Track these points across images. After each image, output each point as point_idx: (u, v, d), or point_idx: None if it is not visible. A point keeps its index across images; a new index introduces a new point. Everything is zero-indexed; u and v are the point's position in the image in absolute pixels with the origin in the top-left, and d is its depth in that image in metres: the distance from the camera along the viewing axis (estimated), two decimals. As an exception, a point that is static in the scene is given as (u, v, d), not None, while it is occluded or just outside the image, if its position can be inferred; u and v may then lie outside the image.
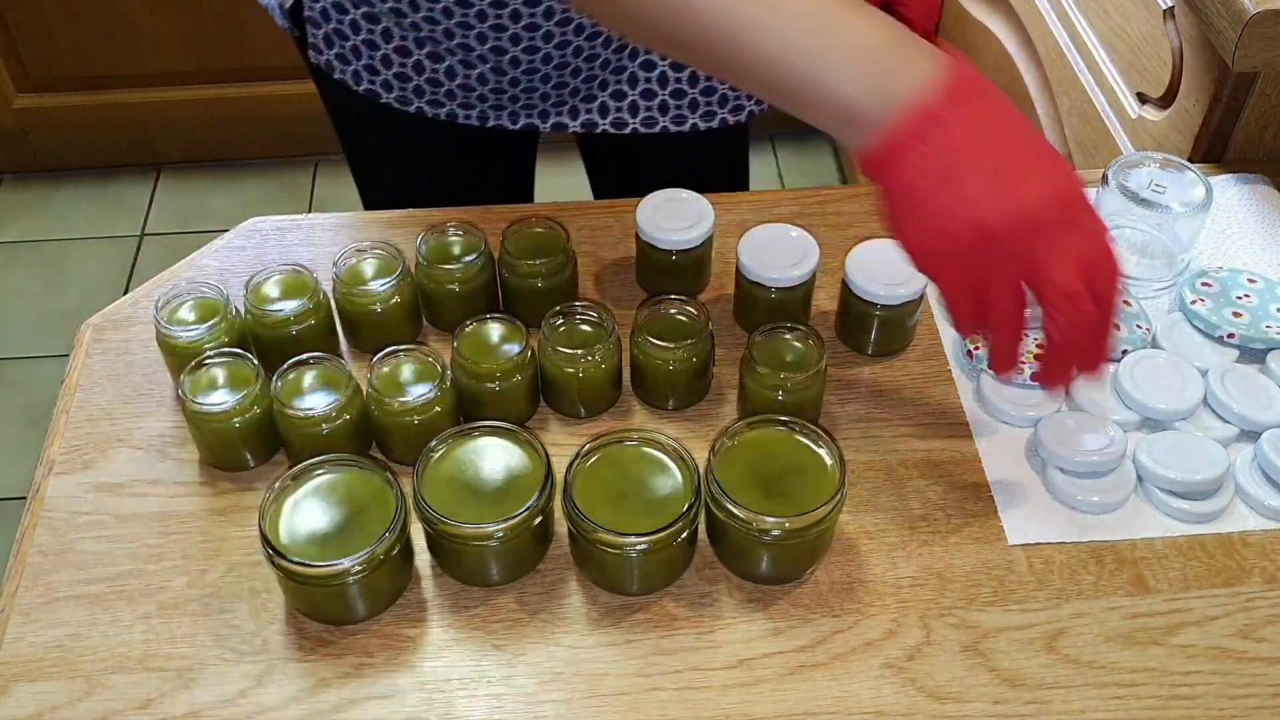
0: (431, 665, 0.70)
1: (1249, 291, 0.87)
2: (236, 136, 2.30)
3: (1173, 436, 0.78)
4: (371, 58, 0.94)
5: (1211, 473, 0.76)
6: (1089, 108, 1.18)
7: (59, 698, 0.68)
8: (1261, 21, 0.89)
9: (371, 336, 0.84)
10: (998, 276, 0.66)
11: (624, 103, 0.96)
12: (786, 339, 0.80)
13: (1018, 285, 0.66)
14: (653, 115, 0.97)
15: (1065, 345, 0.67)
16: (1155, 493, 0.76)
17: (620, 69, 0.94)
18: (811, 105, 0.67)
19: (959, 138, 0.64)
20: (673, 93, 0.96)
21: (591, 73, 0.93)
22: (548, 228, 0.87)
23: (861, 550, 0.75)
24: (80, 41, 2.10)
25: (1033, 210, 0.64)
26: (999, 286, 0.66)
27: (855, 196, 0.98)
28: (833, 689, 0.68)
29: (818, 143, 2.39)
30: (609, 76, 0.95)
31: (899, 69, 0.65)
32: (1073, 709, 0.68)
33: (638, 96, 0.96)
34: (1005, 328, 0.69)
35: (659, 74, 0.95)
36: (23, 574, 0.74)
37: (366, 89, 0.97)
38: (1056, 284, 0.65)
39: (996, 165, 0.64)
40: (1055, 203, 0.64)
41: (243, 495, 0.78)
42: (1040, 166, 0.65)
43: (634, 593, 0.73)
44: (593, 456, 0.73)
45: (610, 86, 0.95)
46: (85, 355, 0.86)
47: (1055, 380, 0.71)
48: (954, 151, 0.64)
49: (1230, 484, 0.77)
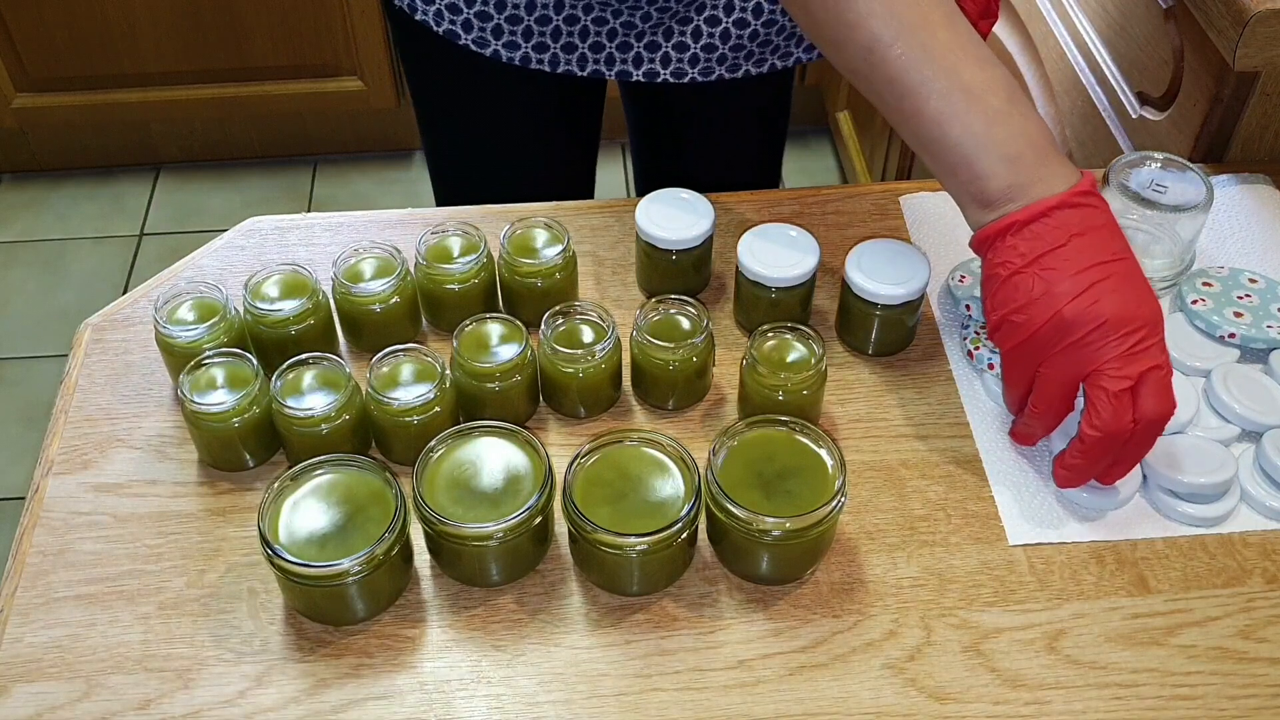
0: (431, 666, 0.70)
1: (1250, 291, 0.87)
2: (235, 136, 2.30)
3: (1178, 440, 0.78)
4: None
5: (1219, 476, 0.75)
6: (1090, 107, 1.18)
7: (58, 698, 0.68)
8: (1262, 21, 0.89)
9: (371, 336, 0.84)
10: (1056, 367, 0.72)
11: (685, 54, 0.99)
12: (786, 339, 0.80)
13: (1070, 383, 0.72)
14: (710, 66, 1.01)
15: (1095, 445, 0.71)
16: (1160, 497, 0.76)
17: (687, 20, 0.97)
18: (955, 176, 0.74)
19: (1063, 233, 0.70)
20: (733, 46, 0.99)
21: (661, 18, 0.97)
22: (548, 228, 0.86)
23: (862, 551, 0.75)
24: (79, 41, 2.10)
25: (1110, 318, 0.69)
26: (1052, 374, 0.72)
27: (855, 196, 0.97)
28: (833, 689, 0.68)
29: (818, 143, 2.39)
30: (675, 25, 0.98)
31: (1043, 174, 0.71)
32: (1073, 709, 0.68)
33: (699, 50, 0.99)
34: (1041, 415, 0.74)
35: (722, 30, 0.98)
36: (21, 574, 0.74)
37: (447, 29, 0.99)
38: (1106, 386, 0.69)
39: (1091, 269, 0.69)
40: (1133, 321, 0.69)
41: (242, 495, 0.78)
42: (1130, 287, 0.70)
43: (634, 593, 0.72)
44: (593, 456, 0.73)
45: (675, 37, 0.98)
46: (84, 355, 0.86)
47: (1073, 479, 0.74)
48: (1055, 243, 0.70)
49: (1236, 488, 0.77)
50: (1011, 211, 0.71)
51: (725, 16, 0.97)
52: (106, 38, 2.10)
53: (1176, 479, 0.75)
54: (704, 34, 0.98)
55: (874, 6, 0.72)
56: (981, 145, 0.71)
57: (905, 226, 0.95)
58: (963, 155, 0.72)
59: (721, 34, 0.98)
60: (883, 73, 0.73)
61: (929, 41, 0.72)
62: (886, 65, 0.73)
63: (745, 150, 1.22)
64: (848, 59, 0.75)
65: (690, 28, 0.98)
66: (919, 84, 0.72)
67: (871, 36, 0.73)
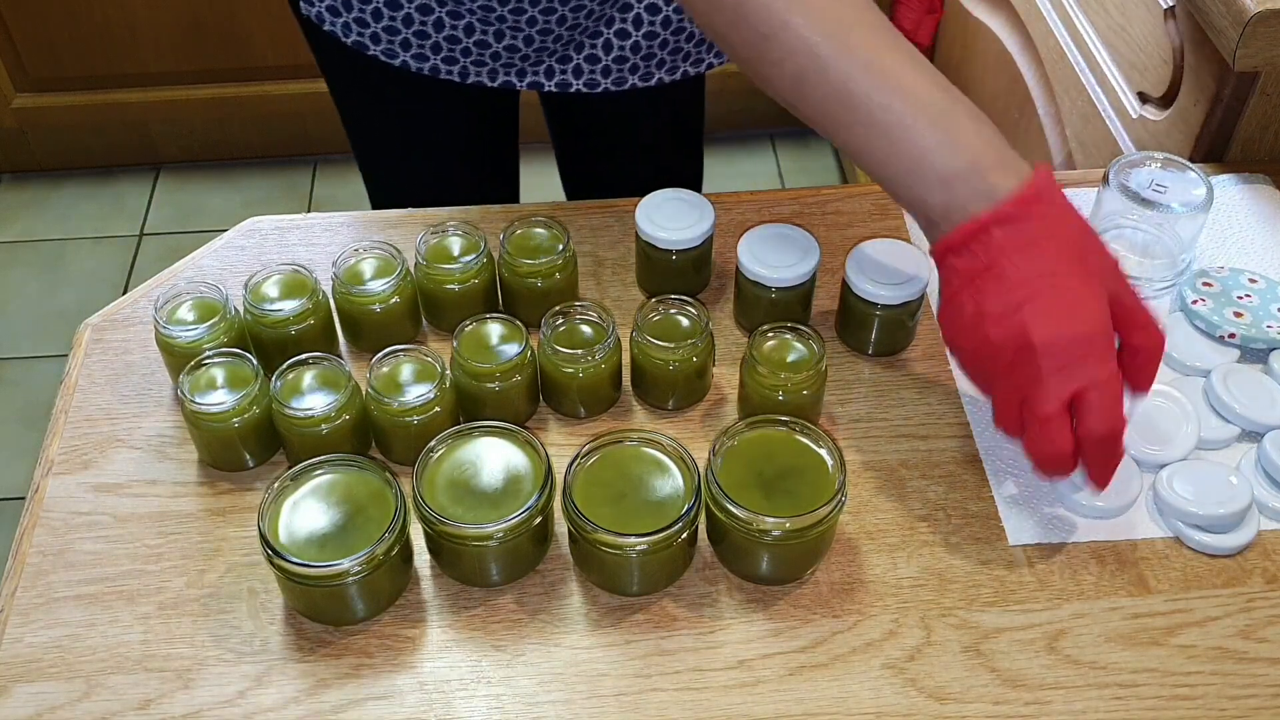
0: (431, 666, 0.70)
1: (1250, 291, 0.87)
2: (235, 136, 2.30)
3: (1193, 466, 0.77)
4: (362, 10, 0.96)
5: (1234, 505, 0.74)
6: (1090, 107, 1.18)
7: (58, 698, 0.68)
8: (1263, 21, 0.89)
9: (371, 336, 0.84)
10: (1000, 388, 0.71)
11: (597, 66, 1.00)
12: (786, 339, 0.80)
13: (1016, 404, 0.70)
14: (623, 75, 1.01)
15: (1039, 469, 0.71)
16: (1179, 527, 0.75)
17: (597, 34, 0.97)
18: (898, 197, 0.72)
19: (993, 252, 0.68)
20: (644, 56, 1.00)
21: (571, 35, 0.97)
22: (548, 228, 0.86)
23: (862, 551, 0.75)
24: (79, 41, 2.10)
25: (1035, 340, 0.67)
26: (999, 394, 0.71)
27: (855, 196, 0.97)
28: (833, 690, 0.68)
29: (818, 143, 2.39)
30: (585, 40, 0.98)
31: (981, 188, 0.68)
32: (1073, 710, 0.68)
33: (611, 61, 0.99)
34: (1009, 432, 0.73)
35: (632, 42, 0.98)
36: (21, 574, 0.74)
37: (355, 41, 0.99)
38: (1035, 410, 0.68)
39: (1019, 288, 0.67)
40: (1060, 340, 0.67)
41: (242, 495, 0.78)
42: (1060, 304, 0.67)
43: (634, 593, 0.72)
44: (593, 456, 0.73)
45: (586, 49, 0.98)
46: (84, 355, 0.86)
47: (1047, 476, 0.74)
48: (987, 262, 0.68)
49: (1254, 518, 0.75)
50: (947, 231, 0.69)
51: (635, 30, 0.97)
52: (106, 38, 2.10)
53: (1193, 511, 0.74)
54: (615, 46, 0.98)
55: (800, 30, 0.70)
56: (917, 167, 0.69)
57: (905, 226, 0.95)
58: (900, 179, 0.70)
59: (632, 46, 0.98)
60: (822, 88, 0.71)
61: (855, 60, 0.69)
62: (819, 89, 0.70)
63: (662, 150, 1.22)
64: (774, 82, 0.73)
65: (600, 41, 0.98)
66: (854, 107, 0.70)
67: (799, 70, 0.70)
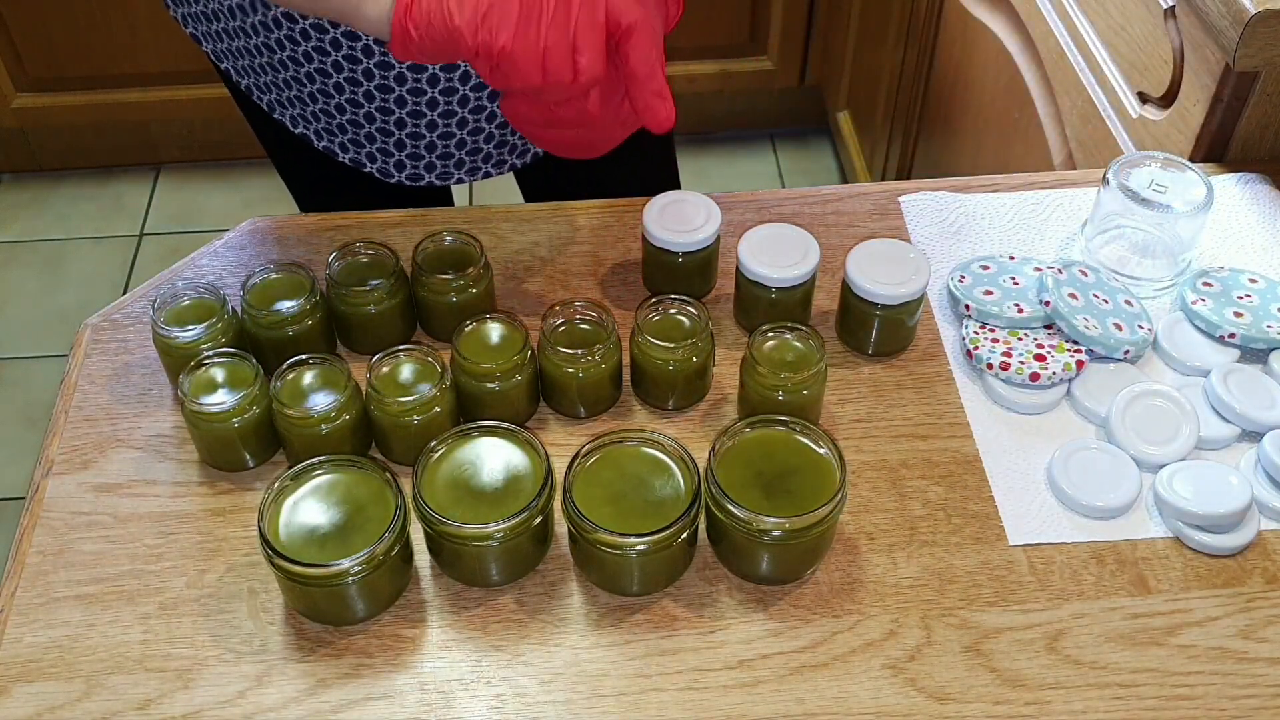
0: (431, 666, 0.70)
1: (1250, 291, 0.87)
2: (236, 136, 2.30)
3: (1193, 466, 0.77)
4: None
5: (1234, 505, 0.74)
6: (1090, 107, 1.18)
7: (58, 698, 0.68)
8: (1263, 20, 0.89)
9: (363, 339, 0.84)
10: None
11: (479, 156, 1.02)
12: (786, 339, 0.80)
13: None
14: (477, 166, 1.04)
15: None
16: (1179, 527, 0.75)
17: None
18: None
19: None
20: (457, 143, 1.01)
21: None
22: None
23: (862, 550, 0.75)
24: (79, 41, 2.10)
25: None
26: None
27: (855, 196, 0.97)
28: (833, 689, 0.68)
29: (818, 143, 2.39)
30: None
31: None
32: (1073, 709, 0.68)
33: (465, 156, 1.02)
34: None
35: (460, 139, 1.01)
36: (21, 574, 0.74)
37: (302, 133, 1.01)
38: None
39: None
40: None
41: (242, 495, 0.78)
42: None
43: (634, 593, 0.72)
44: (593, 456, 0.73)
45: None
46: (84, 355, 0.86)
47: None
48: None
49: (1255, 518, 0.75)
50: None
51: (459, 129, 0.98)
52: (106, 38, 2.10)
53: (1193, 511, 0.74)
54: (438, 146, 1.00)
55: None
56: None
57: (905, 226, 0.95)
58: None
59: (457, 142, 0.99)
60: None
61: None
62: None
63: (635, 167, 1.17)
64: None
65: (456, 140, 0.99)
66: None
67: None
